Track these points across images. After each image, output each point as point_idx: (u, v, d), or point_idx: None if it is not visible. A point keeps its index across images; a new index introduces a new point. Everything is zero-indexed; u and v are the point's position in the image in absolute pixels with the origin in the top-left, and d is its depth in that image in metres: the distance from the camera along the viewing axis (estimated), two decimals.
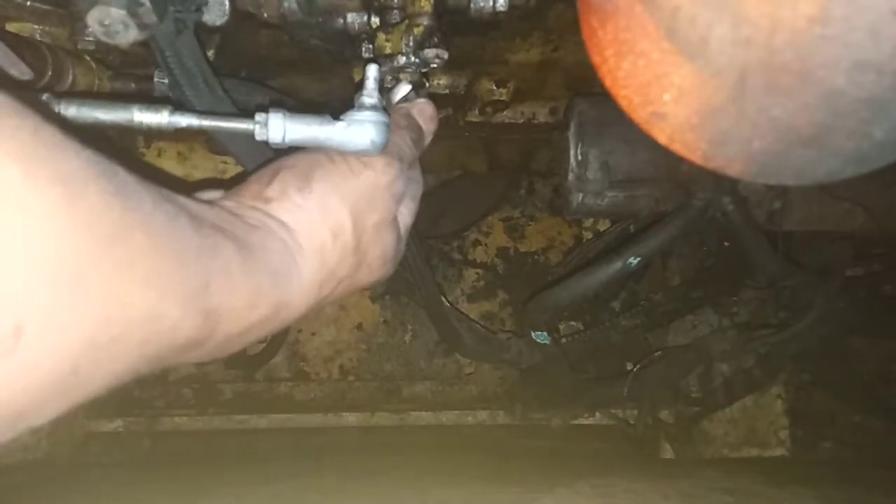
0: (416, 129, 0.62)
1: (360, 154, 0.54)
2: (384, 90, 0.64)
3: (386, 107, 0.60)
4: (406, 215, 0.62)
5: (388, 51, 0.65)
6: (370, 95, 0.55)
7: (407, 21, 0.64)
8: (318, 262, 0.50)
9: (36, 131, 0.30)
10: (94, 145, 0.34)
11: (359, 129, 0.52)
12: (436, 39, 0.64)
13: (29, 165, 0.29)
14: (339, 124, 0.52)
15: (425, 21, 0.63)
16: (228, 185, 0.54)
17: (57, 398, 0.33)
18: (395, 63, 0.64)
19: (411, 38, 0.63)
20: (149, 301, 0.35)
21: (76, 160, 0.32)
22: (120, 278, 0.33)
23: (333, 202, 0.51)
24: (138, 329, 0.35)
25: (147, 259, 0.35)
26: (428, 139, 0.64)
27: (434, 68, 0.64)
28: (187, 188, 0.47)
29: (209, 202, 0.46)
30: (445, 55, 0.62)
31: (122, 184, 0.35)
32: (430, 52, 0.61)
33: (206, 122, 0.53)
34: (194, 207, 0.42)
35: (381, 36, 0.66)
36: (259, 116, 0.52)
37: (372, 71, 0.56)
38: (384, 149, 0.55)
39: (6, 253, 0.28)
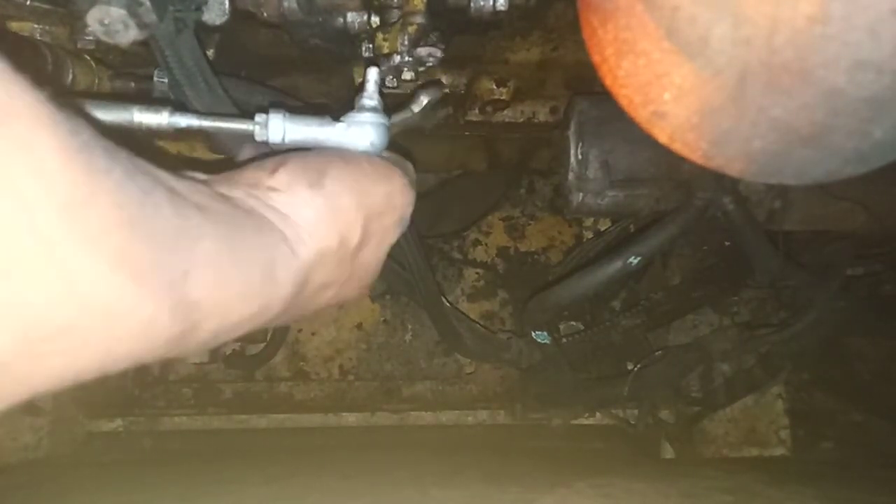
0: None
1: (359, 154, 0.54)
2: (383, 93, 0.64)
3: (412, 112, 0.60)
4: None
5: (385, 50, 0.65)
6: (370, 98, 0.55)
7: (402, 20, 0.64)
8: (317, 263, 0.45)
9: None
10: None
11: (359, 131, 0.53)
12: (431, 38, 0.64)
13: None
14: (339, 125, 0.53)
15: (418, 20, 0.63)
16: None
17: None
18: (392, 62, 0.64)
19: (406, 36, 0.63)
20: (116, 286, 0.29)
21: (25, 95, 0.26)
22: (80, 253, 0.27)
23: (346, 203, 0.47)
24: (103, 320, 0.29)
25: (116, 235, 0.29)
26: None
27: (430, 67, 0.64)
28: (180, 165, 0.42)
29: (198, 180, 0.41)
30: (439, 53, 0.62)
31: (88, 141, 0.28)
32: (422, 51, 0.61)
33: (206, 123, 0.53)
34: (177, 184, 0.36)
35: (380, 35, 0.66)
36: (259, 117, 0.52)
37: (372, 74, 0.56)
38: (402, 173, 0.52)
39: None
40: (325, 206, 0.45)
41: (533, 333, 1.12)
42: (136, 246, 0.30)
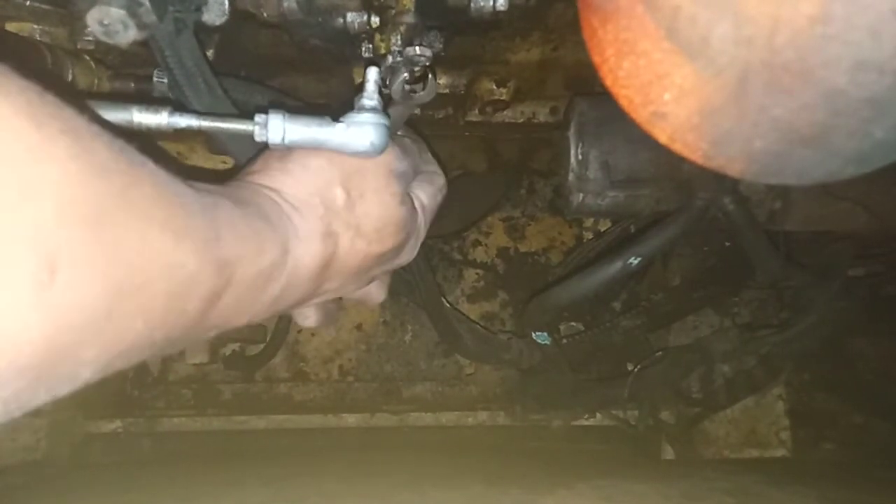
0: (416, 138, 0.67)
1: (359, 155, 0.54)
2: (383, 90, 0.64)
3: (392, 97, 0.60)
4: (423, 196, 0.65)
5: (382, 51, 0.65)
6: (370, 98, 0.55)
7: (393, 20, 0.64)
8: (310, 214, 0.52)
9: (42, 92, 0.32)
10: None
11: (358, 131, 0.53)
12: (429, 38, 0.64)
13: (40, 118, 0.30)
14: (339, 126, 0.53)
15: (408, 19, 0.63)
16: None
17: (95, 343, 0.33)
18: (386, 63, 0.64)
19: (399, 37, 0.63)
20: (167, 248, 0.36)
21: (80, 118, 0.34)
22: (139, 224, 0.35)
23: (316, 163, 0.53)
24: (161, 277, 0.36)
25: (160, 209, 0.37)
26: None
27: (424, 67, 0.64)
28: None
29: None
30: (429, 53, 0.62)
31: (124, 145, 0.37)
32: (410, 51, 0.61)
33: (206, 123, 0.53)
34: (184, 179, 0.44)
35: (378, 36, 0.66)
36: (259, 117, 0.52)
37: (372, 74, 0.56)
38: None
39: (33, 192, 0.29)
40: (296, 169, 0.53)
41: (533, 334, 1.12)
42: (175, 214, 0.38)
